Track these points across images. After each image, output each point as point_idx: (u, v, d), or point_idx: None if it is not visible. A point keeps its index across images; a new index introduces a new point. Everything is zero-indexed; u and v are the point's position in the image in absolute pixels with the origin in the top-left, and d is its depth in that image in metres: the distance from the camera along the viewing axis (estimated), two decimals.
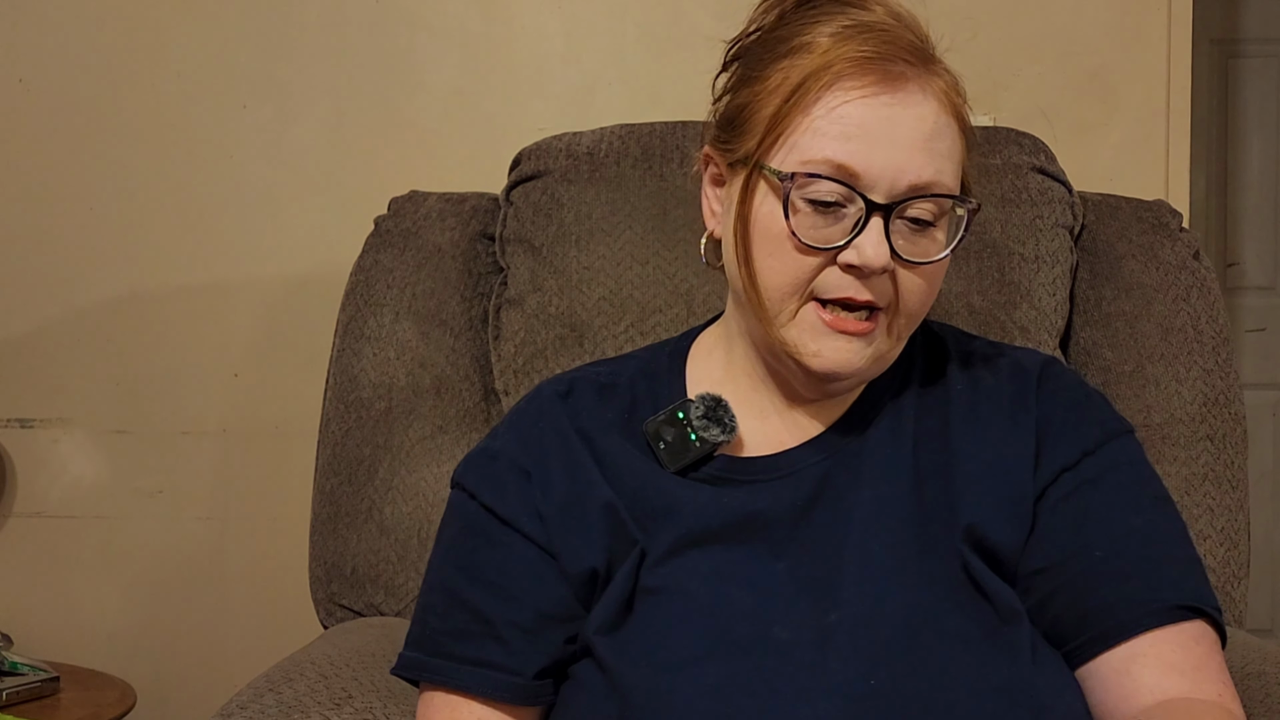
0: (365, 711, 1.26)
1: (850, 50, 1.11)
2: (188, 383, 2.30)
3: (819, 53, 1.12)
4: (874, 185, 1.10)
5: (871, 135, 1.10)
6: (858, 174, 1.10)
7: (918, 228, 1.12)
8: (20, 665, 2.04)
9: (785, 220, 1.11)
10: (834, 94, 1.11)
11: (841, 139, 1.10)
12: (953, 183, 1.14)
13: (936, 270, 1.15)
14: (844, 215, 1.11)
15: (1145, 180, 2.25)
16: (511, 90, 2.27)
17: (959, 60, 1.07)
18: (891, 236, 1.11)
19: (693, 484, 1.18)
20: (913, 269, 1.13)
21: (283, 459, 2.27)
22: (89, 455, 2.32)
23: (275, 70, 2.28)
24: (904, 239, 1.12)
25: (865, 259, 1.10)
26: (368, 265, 1.70)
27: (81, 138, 2.30)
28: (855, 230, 1.11)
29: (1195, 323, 1.62)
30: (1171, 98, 2.26)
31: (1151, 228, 1.68)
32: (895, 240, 1.11)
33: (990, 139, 1.71)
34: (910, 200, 1.11)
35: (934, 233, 1.13)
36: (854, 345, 1.13)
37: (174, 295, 2.30)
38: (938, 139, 1.12)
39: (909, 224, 1.12)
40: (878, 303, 1.12)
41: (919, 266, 1.13)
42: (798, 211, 1.12)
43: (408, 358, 1.66)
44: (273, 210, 2.29)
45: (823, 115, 1.11)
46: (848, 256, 1.11)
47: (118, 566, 2.32)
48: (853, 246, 1.11)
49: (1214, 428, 1.60)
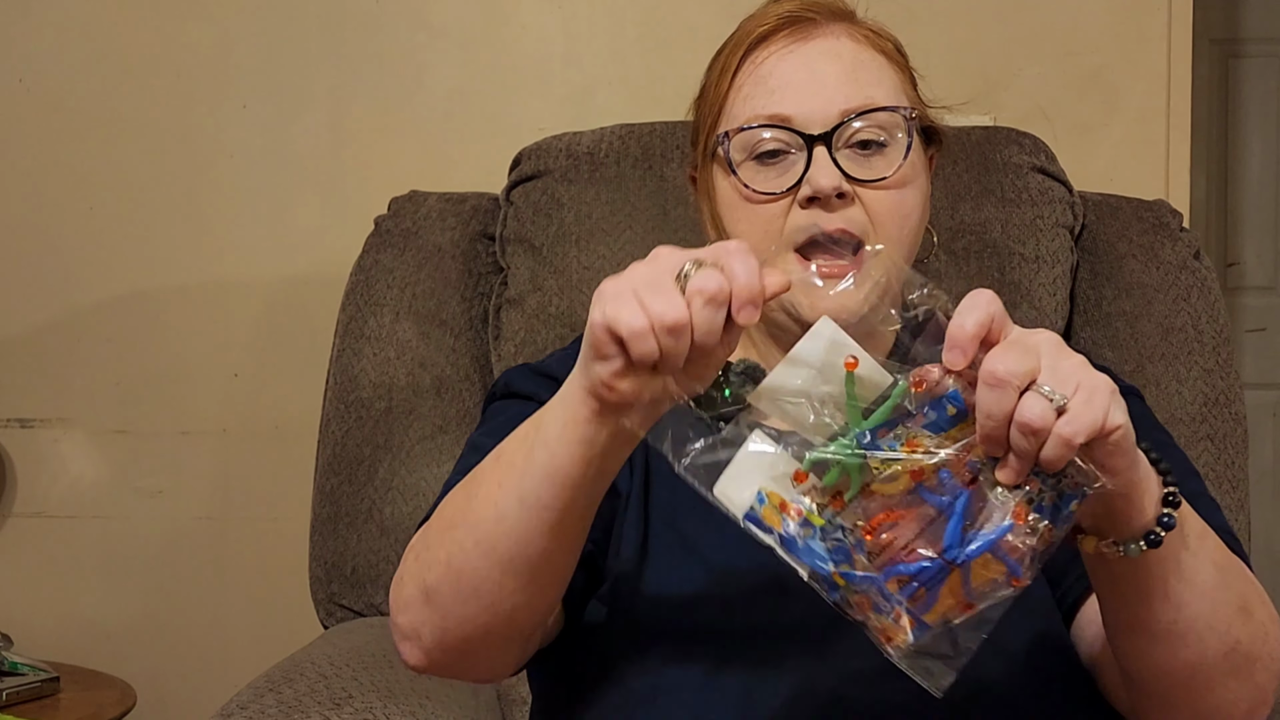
0: (365, 711, 1.27)
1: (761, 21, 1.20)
2: (188, 383, 2.30)
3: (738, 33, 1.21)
4: (808, 122, 1.16)
5: (794, 82, 1.17)
6: (789, 116, 1.16)
7: (867, 150, 1.16)
8: (20, 665, 2.04)
9: (733, 178, 1.17)
10: (752, 61, 1.19)
11: (765, 94, 1.17)
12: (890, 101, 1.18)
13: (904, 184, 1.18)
14: (791, 161, 1.16)
15: (1145, 180, 2.24)
16: (512, 90, 2.27)
17: (959, 60, 1.08)
18: (841, 162, 1.15)
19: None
20: (877, 188, 1.16)
21: (283, 459, 2.26)
22: (89, 455, 2.32)
23: (275, 70, 2.28)
24: (854, 163, 1.16)
25: (817, 184, 1.14)
26: (368, 265, 1.70)
27: (81, 138, 2.29)
28: (806, 168, 1.15)
29: (1195, 323, 1.62)
30: (1172, 98, 2.26)
31: (1152, 228, 1.68)
32: (847, 165, 1.15)
33: (990, 139, 1.71)
34: (844, 124, 1.16)
35: (888, 153, 1.17)
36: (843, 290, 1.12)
37: (174, 295, 2.30)
38: (861, 69, 1.18)
39: (857, 150, 1.16)
40: (851, 229, 1.15)
41: (881, 185, 1.16)
42: (742, 166, 1.17)
43: (408, 357, 1.66)
44: (273, 210, 2.29)
45: (746, 81, 1.19)
46: (803, 191, 1.15)
47: (118, 566, 2.32)
48: (805, 181, 1.15)
49: (1214, 428, 1.60)
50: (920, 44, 2.29)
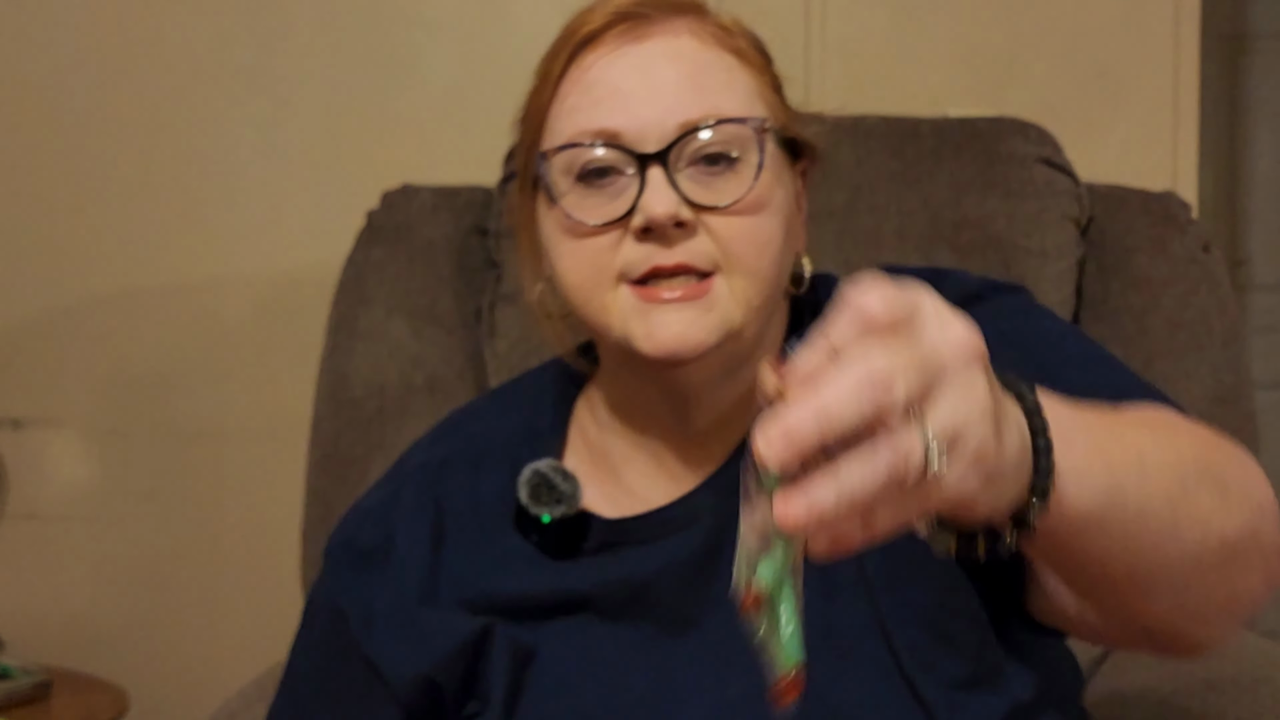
0: None
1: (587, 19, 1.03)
2: (180, 382, 2.29)
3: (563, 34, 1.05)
4: (641, 139, 0.98)
5: (624, 91, 1.00)
6: (618, 132, 0.99)
7: (715, 169, 0.99)
8: (11, 669, 2.02)
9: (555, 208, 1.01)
10: (578, 66, 1.02)
11: (592, 105, 1.00)
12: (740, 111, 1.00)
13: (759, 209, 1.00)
14: (623, 186, 0.99)
15: (1152, 177, 2.22)
16: (506, 82, 2.23)
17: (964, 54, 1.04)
18: (681, 186, 0.98)
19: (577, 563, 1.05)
20: (723, 213, 0.98)
21: (276, 459, 2.25)
22: (81, 456, 2.31)
23: (267, 64, 2.27)
24: (699, 184, 0.99)
25: (650, 212, 0.97)
26: (359, 261, 1.70)
27: (70, 135, 2.28)
28: (640, 194, 0.98)
29: (1205, 317, 1.61)
30: (1179, 93, 2.25)
31: (1160, 220, 1.66)
32: (688, 189, 0.98)
33: (994, 130, 1.71)
34: (684, 139, 0.98)
35: (740, 171, 1.00)
36: (686, 315, 0.97)
37: (166, 293, 2.29)
38: (704, 74, 1.01)
39: (703, 168, 0.99)
40: (696, 264, 0.98)
41: (730, 211, 0.99)
42: (565, 193, 1.01)
43: (400, 355, 1.66)
44: (265, 206, 2.28)
45: (571, 91, 1.02)
46: (636, 221, 0.98)
47: (110, 568, 2.31)
48: (637, 209, 0.98)
49: (1224, 424, 1.55)
50: (927, 38, 2.28)
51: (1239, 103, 3.77)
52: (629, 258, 0.99)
